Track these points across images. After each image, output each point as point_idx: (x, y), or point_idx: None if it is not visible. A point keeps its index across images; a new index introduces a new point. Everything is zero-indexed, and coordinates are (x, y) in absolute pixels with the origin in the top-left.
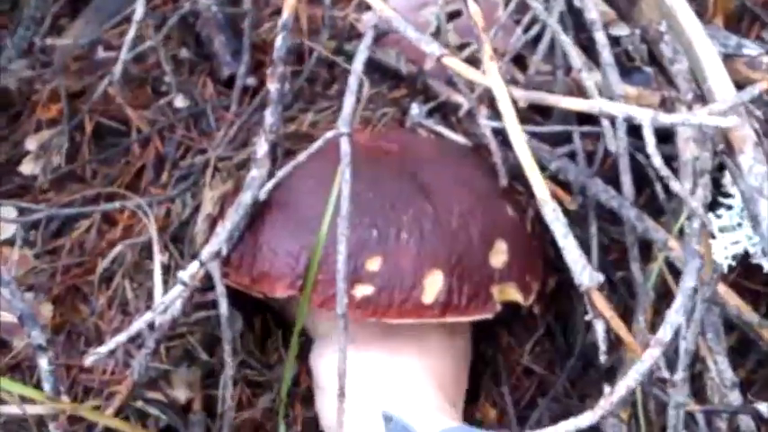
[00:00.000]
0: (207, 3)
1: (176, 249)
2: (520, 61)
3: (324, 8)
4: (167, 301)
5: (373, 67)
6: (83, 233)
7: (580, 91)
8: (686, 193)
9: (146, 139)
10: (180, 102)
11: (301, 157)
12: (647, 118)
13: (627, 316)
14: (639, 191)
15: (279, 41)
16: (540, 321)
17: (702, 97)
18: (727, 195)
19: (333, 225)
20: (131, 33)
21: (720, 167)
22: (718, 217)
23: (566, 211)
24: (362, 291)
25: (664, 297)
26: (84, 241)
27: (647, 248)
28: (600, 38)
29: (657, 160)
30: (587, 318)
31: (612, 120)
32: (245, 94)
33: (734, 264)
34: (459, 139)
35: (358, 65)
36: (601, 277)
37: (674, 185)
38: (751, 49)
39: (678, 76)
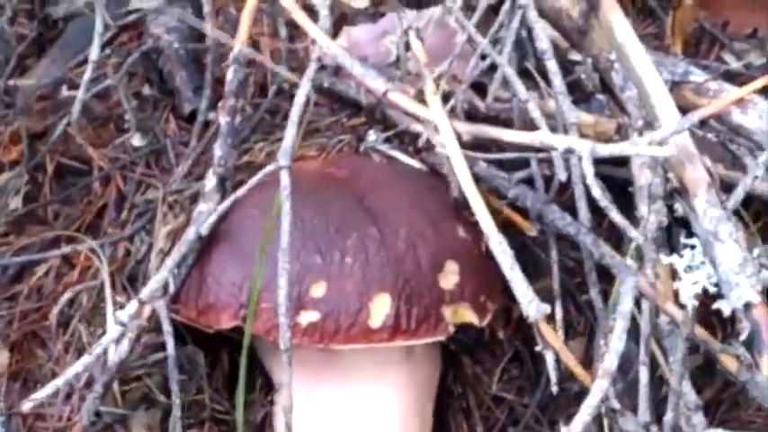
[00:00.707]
0: (169, 39)
1: (133, 289)
2: (481, 88)
3: (282, 41)
4: (105, 343)
5: (334, 97)
6: (41, 277)
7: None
8: (625, 224)
9: (107, 178)
10: (137, 140)
11: (241, 191)
12: (586, 150)
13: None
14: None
15: (230, 75)
16: (508, 347)
17: (651, 124)
18: (691, 235)
19: (274, 254)
20: (87, 74)
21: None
22: (682, 257)
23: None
24: (308, 317)
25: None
26: (42, 285)
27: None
28: (551, 66)
29: (596, 191)
30: (536, 349)
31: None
32: (206, 129)
33: (696, 303)
34: (414, 163)
35: (300, 98)
36: (547, 309)
37: (614, 216)
38: (697, 75)
39: (628, 103)
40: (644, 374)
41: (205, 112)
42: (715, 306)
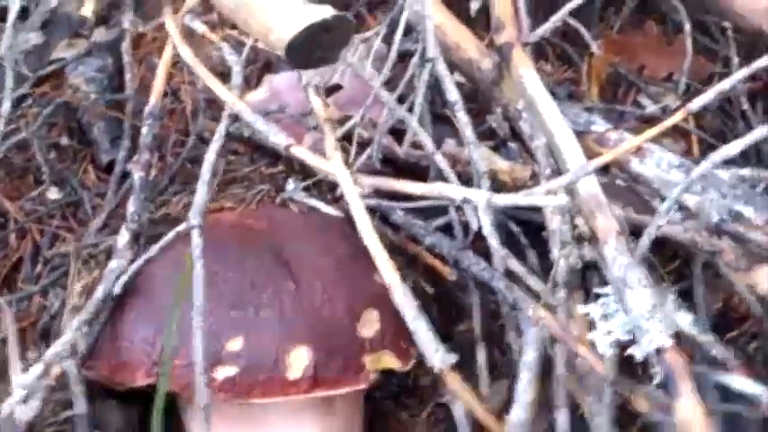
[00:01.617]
0: (87, 90)
1: (46, 344)
2: (400, 134)
3: (197, 91)
4: (7, 407)
5: (252, 146)
6: None
7: (457, 162)
8: (523, 272)
9: (23, 231)
10: (54, 193)
11: (152, 251)
12: (483, 200)
13: None
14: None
15: (144, 129)
16: (433, 391)
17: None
18: (605, 282)
19: (186, 310)
20: None
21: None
22: (597, 306)
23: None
24: (224, 372)
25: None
26: None
27: None
28: (462, 117)
29: (494, 241)
30: (442, 400)
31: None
32: (124, 180)
33: (613, 351)
34: (331, 211)
35: (211, 155)
36: (453, 358)
37: (512, 264)
38: (599, 125)
39: (537, 152)
40: (562, 418)
41: (123, 162)
42: (628, 352)
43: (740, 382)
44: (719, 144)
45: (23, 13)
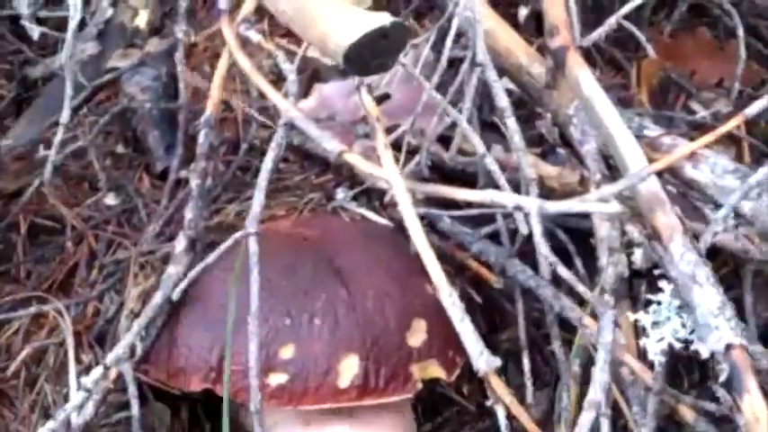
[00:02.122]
0: (143, 98)
1: (101, 347)
2: (446, 142)
3: (249, 100)
4: (69, 409)
5: (302, 154)
6: (10, 336)
7: (504, 168)
8: (572, 279)
9: (79, 237)
10: (111, 199)
11: (210, 258)
12: (534, 207)
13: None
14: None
15: (201, 138)
16: (471, 401)
17: (613, 176)
18: (658, 290)
19: (243, 319)
20: (59, 136)
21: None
22: (649, 313)
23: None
24: (276, 379)
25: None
26: (11, 344)
27: None
28: (511, 124)
29: (544, 248)
30: (488, 403)
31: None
32: (178, 188)
33: (663, 360)
34: (381, 220)
35: (267, 163)
36: (498, 362)
37: (561, 271)
38: (651, 130)
39: (587, 157)
40: (605, 427)
41: (177, 170)
42: (693, 348)
43: None
44: None
45: (79, 24)
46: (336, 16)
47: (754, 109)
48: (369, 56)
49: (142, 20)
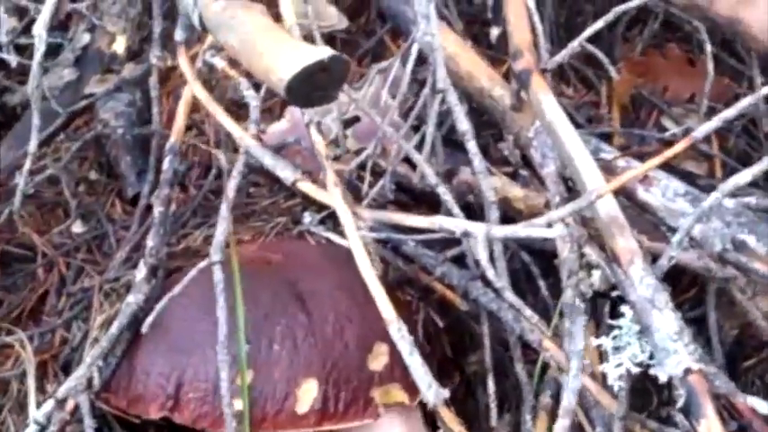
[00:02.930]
0: (116, 124)
1: (67, 377)
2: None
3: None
4: None
5: (272, 178)
6: None
7: (472, 190)
8: (520, 304)
9: (50, 264)
10: (78, 227)
11: (176, 289)
12: (482, 233)
13: None
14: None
15: (165, 164)
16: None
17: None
18: (619, 315)
19: (201, 344)
20: (27, 165)
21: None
22: (610, 338)
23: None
24: (236, 405)
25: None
26: None
27: None
28: (471, 147)
29: (490, 273)
30: None
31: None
32: (149, 213)
33: (624, 385)
34: (346, 244)
35: (230, 191)
36: (446, 394)
37: (507, 296)
38: (606, 153)
39: (547, 179)
40: None
41: (148, 196)
42: (651, 372)
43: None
44: (741, 168)
45: (57, 50)
46: (279, 50)
47: (701, 132)
48: (310, 88)
49: (120, 45)
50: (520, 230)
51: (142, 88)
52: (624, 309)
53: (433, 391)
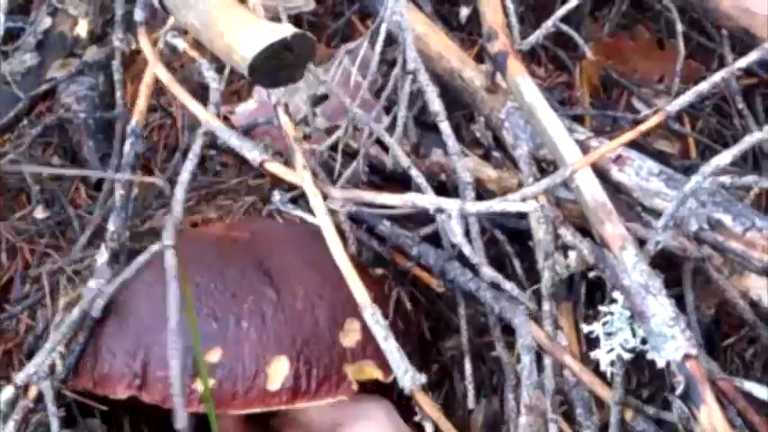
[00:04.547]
0: (78, 108)
1: None
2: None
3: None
4: None
5: (240, 157)
6: None
7: (444, 171)
8: (498, 278)
9: (13, 251)
10: (40, 212)
11: (126, 273)
12: (455, 209)
13: None
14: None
15: (126, 147)
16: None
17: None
18: (612, 301)
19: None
20: None
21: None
22: (601, 322)
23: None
24: (198, 386)
25: None
26: None
27: None
28: (444, 128)
29: (467, 249)
30: (416, 419)
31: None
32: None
33: (615, 370)
34: (315, 221)
35: (185, 174)
36: (423, 379)
37: (486, 271)
38: (579, 134)
39: (519, 161)
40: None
41: (111, 181)
42: (648, 357)
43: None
44: (716, 146)
45: (19, 34)
46: (240, 29)
47: (673, 107)
48: (274, 67)
49: (82, 29)
50: (495, 205)
51: (105, 72)
52: (615, 294)
53: (409, 377)
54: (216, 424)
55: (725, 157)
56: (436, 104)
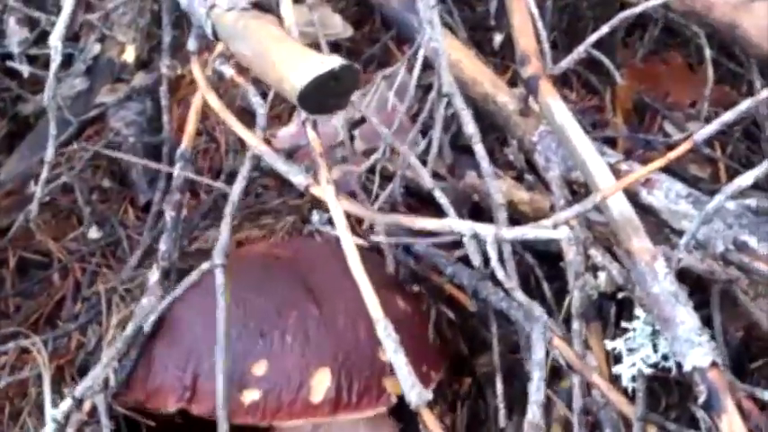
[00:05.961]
0: (127, 133)
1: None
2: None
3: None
4: None
5: (282, 179)
6: None
7: (477, 191)
8: (529, 303)
9: (65, 270)
10: (94, 232)
11: (178, 290)
12: (491, 234)
13: None
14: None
15: (175, 171)
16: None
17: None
18: (633, 318)
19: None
20: (44, 174)
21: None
22: (623, 339)
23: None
24: (250, 396)
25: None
26: None
27: None
28: (479, 150)
29: (500, 273)
30: None
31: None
32: (161, 219)
33: (637, 385)
34: (356, 241)
35: (234, 196)
36: (429, 395)
37: (518, 296)
38: (610, 156)
39: (552, 183)
40: None
41: (159, 202)
42: (670, 366)
43: None
44: (744, 170)
45: (68, 60)
46: (291, 60)
47: (702, 135)
48: (322, 96)
49: (130, 54)
50: (528, 232)
51: (152, 97)
52: (638, 311)
53: (415, 392)
54: None
55: (747, 179)
56: (471, 127)
